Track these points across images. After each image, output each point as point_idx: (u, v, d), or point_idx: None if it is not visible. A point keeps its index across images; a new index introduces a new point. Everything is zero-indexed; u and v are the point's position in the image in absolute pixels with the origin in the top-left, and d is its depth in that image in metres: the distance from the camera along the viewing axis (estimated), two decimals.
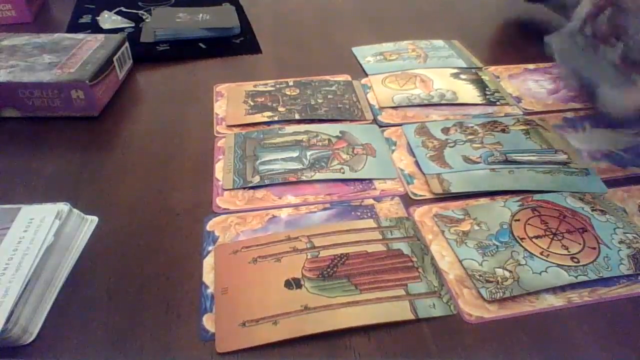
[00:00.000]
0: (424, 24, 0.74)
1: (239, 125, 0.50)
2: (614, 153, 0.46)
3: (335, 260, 0.35)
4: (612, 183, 0.43)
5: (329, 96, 0.55)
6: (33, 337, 0.30)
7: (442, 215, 0.39)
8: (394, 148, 0.47)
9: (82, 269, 0.35)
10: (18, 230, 0.34)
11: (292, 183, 0.42)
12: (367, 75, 0.60)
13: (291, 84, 0.57)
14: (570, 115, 0.52)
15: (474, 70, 0.60)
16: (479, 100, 0.54)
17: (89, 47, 0.55)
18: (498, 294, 0.33)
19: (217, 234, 0.38)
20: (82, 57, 0.53)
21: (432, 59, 0.62)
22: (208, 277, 0.34)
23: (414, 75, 0.59)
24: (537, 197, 0.40)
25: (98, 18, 0.73)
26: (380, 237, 0.37)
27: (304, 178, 0.43)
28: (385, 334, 0.31)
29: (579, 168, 0.44)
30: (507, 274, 0.34)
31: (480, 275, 0.34)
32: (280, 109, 0.52)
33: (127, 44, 0.59)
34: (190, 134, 0.49)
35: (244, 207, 0.40)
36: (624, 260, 0.35)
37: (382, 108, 0.53)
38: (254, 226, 0.38)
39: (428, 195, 0.41)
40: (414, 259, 0.35)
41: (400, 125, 0.50)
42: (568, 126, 0.50)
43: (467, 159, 0.45)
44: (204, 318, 0.31)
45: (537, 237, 0.37)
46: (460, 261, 0.35)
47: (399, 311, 0.32)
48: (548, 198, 0.40)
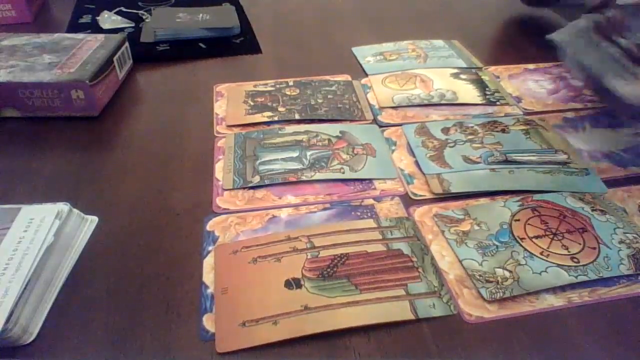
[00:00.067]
0: (424, 24, 0.74)
1: (239, 125, 0.50)
2: (614, 153, 0.46)
3: (335, 260, 0.35)
4: (612, 183, 0.43)
5: (329, 96, 0.55)
6: (33, 337, 0.30)
7: (442, 215, 0.39)
8: (394, 148, 0.47)
9: (82, 269, 0.35)
10: (18, 230, 0.34)
11: (292, 183, 0.42)
12: (367, 75, 0.60)
13: (291, 84, 0.57)
14: (570, 115, 0.52)
15: (474, 70, 0.60)
16: (479, 100, 0.54)
17: (89, 47, 0.55)
18: (498, 294, 0.33)
19: (217, 234, 0.38)
20: (82, 57, 0.53)
21: (432, 59, 0.62)
22: (208, 277, 0.34)
23: (414, 75, 0.59)
24: (537, 197, 0.40)
25: (98, 18, 0.73)
26: (380, 237, 0.37)
27: (304, 178, 0.43)
28: (385, 334, 0.31)
29: (579, 168, 0.44)
30: (507, 274, 0.34)
31: (480, 275, 0.34)
32: (280, 109, 0.52)
33: (127, 44, 0.59)
34: (190, 134, 0.49)
35: (244, 207, 0.40)
36: (624, 260, 0.35)
37: (382, 108, 0.53)
38: (254, 226, 0.38)
39: (428, 195, 0.41)
40: (414, 259, 0.35)
41: (400, 125, 0.50)
42: (568, 126, 0.50)
43: (467, 159, 0.45)
44: (204, 318, 0.31)
45: (537, 237, 0.37)
46: (460, 261, 0.35)
47: (399, 311, 0.32)
48: (548, 198, 0.40)
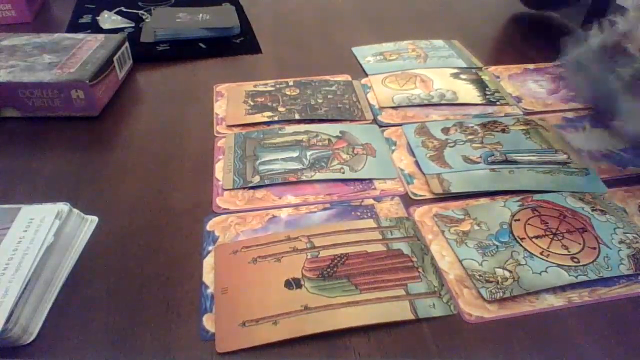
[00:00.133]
0: (424, 24, 0.74)
1: (239, 125, 0.50)
2: (614, 153, 0.46)
3: (335, 260, 0.35)
4: (612, 183, 0.43)
5: (329, 96, 0.55)
6: (33, 337, 0.30)
7: (442, 215, 0.39)
8: (394, 148, 0.47)
9: (82, 269, 0.35)
10: (18, 230, 0.34)
11: (292, 183, 0.42)
12: (367, 75, 0.60)
13: (291, 84, 0.57)
14: (570, 115, 0.52)
15: (474, 70, 0.60)
16: (479, 100, 0.54)
17: (89, 47, 0.55)
18: (498, 294, 0.33)
19: (217, 234, 0.38)
20: (82, 57, 0.53)
21: (432, 59, 0.62)
22: (208, 277, 0.34)
23: (414, 75, 0.59)
24: (537, 197, 0.40)
25: (98, 18, 0.73)
26: (380, 237, 0.37)
27: (304, 178, 0.43)
28: (385, 334, 0.31)
29: (579, 168, 0.44)
30: (507, 274, 0.34)
31: (480, 275, 0.34)
32: (280, 109, 0.52)
33: (127, 44, 0.59)
34: (190, 134, 0.49)
35: (244, 207, 0.40)
36: (624, 260, 0.35)
37: (382, 108, 0.53)
38: (254, 226, 0.38)
39: (428, 195, 0.41)
40: (414, 259, 0.35)
41: (400, 125, 0.50)
42: (568, 126, 0.50)
43: (467, 159, 0.45)
44: (204, 318, 0.31)
45: (537, 237, 0.37)
46: (460, 261, 0.35)
47: (399, 311, 0.32)
48: (548, 198, 0.40)
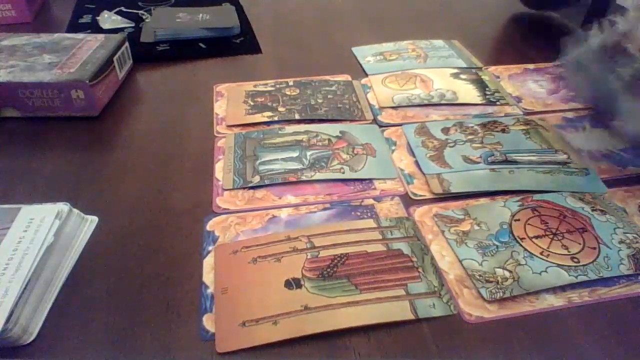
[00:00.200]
0: (424, 24, 0.74)
1: (239, 125, 0.50)
2: (614, 153, 0.46)
3: (335, 260, 0.35)
4: (612, 183, 0.43)
5: (329, 96, 0.55)
6: (33, 337, 0.30)
7: (442, 215, 0.39)
8: (394, 148, 0.47)
9: (82, 269, 0.35)
10: (18, 230, 0.34)
11: (292, 183, 0.42)
12: (367, 75, 0.60)
13: (291, 84, 0.57)
14: (570, 115, 0.52)
15: (474, 70, 0.60)
16: (479, 100, 0.54)
17: (89, 47, 0.55)
18: (498, 294, 0.33)
19: (217, 234, 0.38)
20: (82, 57, 0.53)
21: (432, 59, 0.62)
22: (208, 277, 0.34)
23: (414, 75, 0.59)
24: (537, 197, 0.40)
25: (98, 18, 0.73)
26: (380, 237, 0.37)
27: (304, 178, 0.43)
28: (385, 334, 0.31)
29: (579, 168, 0.44)
30: (507, 274, 0.34)
31: (480, 275, 0.34)
32: (280, 109, 0.52)
33: (127, 44, 0.59)
34: (190, 134, 0.49)
35: (244, 207, 0.40)
36: (624, 260, 0.35)
37: (382, 108, 0.53)
38: (254, 226, 0.38)
39: (428, 195, 0.41)
40: (414, 259, 0.35)
41: (400, 125, 0.50)
42: (568, 126, 0.50)
43: (467, 159, 0.45)
44: (204, 318, 0.31)
45: (537, 237, 0.37)
46: (460, 261, 0.35)
47: (399, 311, 0.32)
48: (548, 198, 0.40)
